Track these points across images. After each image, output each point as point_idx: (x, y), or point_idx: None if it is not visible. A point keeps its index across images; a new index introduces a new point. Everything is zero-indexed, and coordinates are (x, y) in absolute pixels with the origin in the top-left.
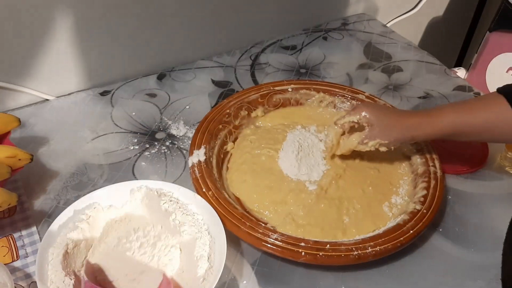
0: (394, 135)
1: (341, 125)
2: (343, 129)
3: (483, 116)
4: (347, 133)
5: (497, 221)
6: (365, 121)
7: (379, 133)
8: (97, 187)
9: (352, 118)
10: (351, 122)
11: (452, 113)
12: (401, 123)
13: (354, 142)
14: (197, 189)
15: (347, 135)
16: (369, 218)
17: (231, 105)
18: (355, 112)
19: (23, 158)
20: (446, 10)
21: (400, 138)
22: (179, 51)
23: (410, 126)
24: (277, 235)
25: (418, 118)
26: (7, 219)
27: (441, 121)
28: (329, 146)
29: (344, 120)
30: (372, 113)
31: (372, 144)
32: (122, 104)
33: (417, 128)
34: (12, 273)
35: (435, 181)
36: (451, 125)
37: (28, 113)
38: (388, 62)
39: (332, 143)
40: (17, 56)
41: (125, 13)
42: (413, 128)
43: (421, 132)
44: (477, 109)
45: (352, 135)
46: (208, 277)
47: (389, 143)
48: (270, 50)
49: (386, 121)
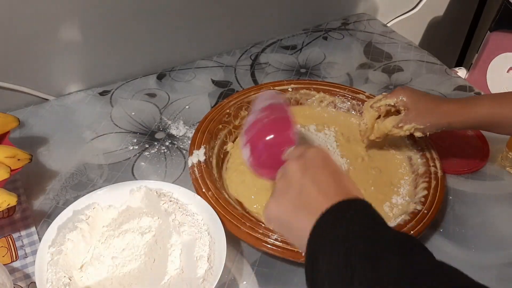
0: (430, 120)
1: (377, 108)
2: (378, 112)
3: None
4: (382, 117)
5: (497, 221)
6: (402, 104)
7: (415, 117)
8: (96, 187)
9: (389, 101)
10: (387, 105)
11: (490, 104)
12: (438, 109)
13: (388, 125)
14: (197, 189)
15: (382, 118)
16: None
17: (231, 105)
18: (393, 95)
19: (22, 158)
20: (446, 10)
21: (436, 123)
22: (179, 51)
23: (447, 112)
24: (277, 236)
25: (455, 105)
26: (6, 219)
27: (478, 110)
28: (363, 129)
29: (380, 103)
30: (410, 97)
31: (407, 128)
32: (122, 104)
33: (454, 115)
34: (11, 273)
35: (436, 181)
36: (487, 115)
37: (28, 113)
38: (389, 62)
39: (367, 126)
40: (17, 56)
41: (125, 13)
42: (449, 114)
43: (457, 119)
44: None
45: (388, 119)
46: (208, 277)
47: (425, 128)
48: (270, 50)
49: (423, 106)
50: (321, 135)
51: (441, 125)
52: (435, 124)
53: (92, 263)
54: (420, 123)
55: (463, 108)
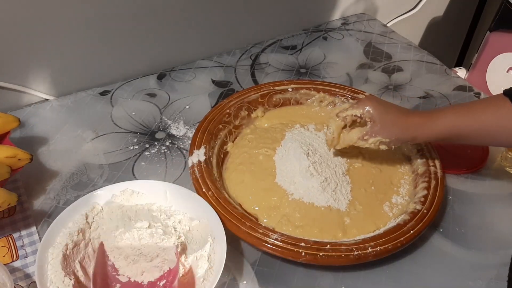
0: (395, 133)
1: (343, 118)
2: (344, 122)
3: (483, 118)
4: (348, 127)
5: (497, 221)
6: (368, 116)
7: (381, 130)
8: (97, 187)
9: (355, 112)
10: (353, 115)
11: (453, 115)
12: (403, 122)
13: (354, 137)
14: (197, 189)
15: (348, 129)
16: (370, 218)
17: (231, 105)
18: (359, 106)
19: (23, 158)
20: (446, 10)
21: (401, 137)
22: (179, 51)
23: (411, 126)
24: (277, 235)
25: (419, 118)
26: (7, 219)
27: (441, 123)
28: (329, 138)
29: (346, 113)
30: (376, 109)
31: (372, 141)
32: (122, 104)
33: (418, 128)
34: (12, 273)
35: (436, 181)
36: (450, 127)
37: (28, 113)
38: (388, 62)
39: (333, 135)
40: (17, 56)
41: (125, 13)
42: (414, 128)
43: (421, 133)
44: (478, 111)
45: (353, 130)
46: (208, 277)
47: (390, 141)
48: (270, 50)
49: (389, 118)
50: (320, 134)
51: (406, 139)
52: (400, 137)
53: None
54: (386, 137)
55: (427, 121)
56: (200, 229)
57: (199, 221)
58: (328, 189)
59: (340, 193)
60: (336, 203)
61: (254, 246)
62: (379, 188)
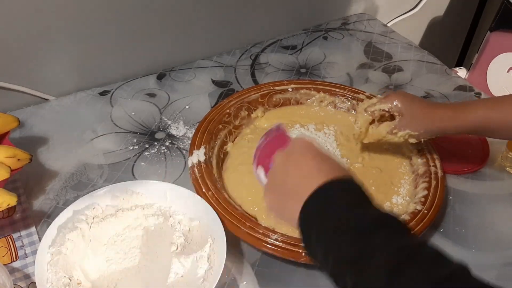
0: (424, 126)
1: (371, 112)
2: (372, 117)
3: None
4: (376, 122)
5: (497, 221)
6: (396, 110)
7: (409, 123)
8: (96, 187)
9: (383, 106)
10: (381, 110)
11: (485, 108)
12: (432, 114)
13: (382, 131)
14: (197, 189)
15: (376, 123)
16: None
17: (231, 105)
18: (387, 100)
19: (22, 158)
20: (446, 10)
21: (430, 129)
22: (179, 51)
23: (441, 118)
24: (277, 236)
25: (449, 111)
26: (6, 219)
27: (473, 115)
28: (357, 133)
29: (374, 108)
30: (404, 103)
31: (402, 134)
32: (122, 104)
33: (448, 120)
34: (11, 273)
35: (436, 181)
36: (483, 120)
37: (28, 113)
38: (389, 62)
39: (361, 130)
40: (17, 56)
41: (124, 13)
42: (444, 120)
43: (452, 124)
44: (508, 106)
45: (382, 124)
46: (208, 277)
47: (419, 134)
48: (270, 50)
49: (417, 112)
50: (320, 134)
51: (436, 131)
52: (430, 130)
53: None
54: (414, 130)
55: (458, 113)
56: (200, 230)
57: (199, 222)
58: None
59: None
60: None
61: (254, 247)
62: (379, 188)
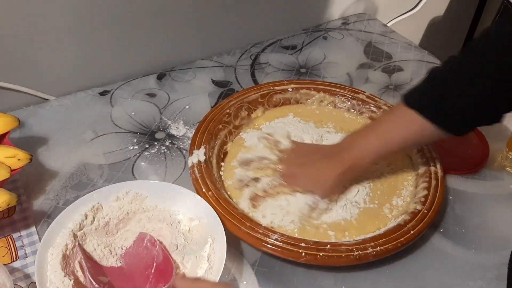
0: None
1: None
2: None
3: (402, 137)
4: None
5: (497, 221)
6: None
7: (327, 193)
8: (96, 187)
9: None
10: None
11: (371, 144)
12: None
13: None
14: (197, 189)
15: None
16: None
17: (231, 105)
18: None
19: (22, 158)
20: (446, 10)
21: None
22: (179, 51)
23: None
24: (277, 236)
25: (338, 161)
26: (6, 219)
27: (364, 157)
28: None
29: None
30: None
31: (323, 206)
32: (122, 104)
33: (342, 170)
34: (11, 273)
35: (436, 181)
36: (375, 156)
37: (28, 113)
38: (389, 61)
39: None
40: (17, 56)
41: (124, 13)
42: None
43: (346, 174)
44: (393, 133)
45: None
46: (208, 277)
47: (333, 196)
48: (270, 50)
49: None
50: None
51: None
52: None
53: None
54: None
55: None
56: (200, 229)
57: (199, 221)
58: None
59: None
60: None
61: (254, 247)
62: (380, 188)
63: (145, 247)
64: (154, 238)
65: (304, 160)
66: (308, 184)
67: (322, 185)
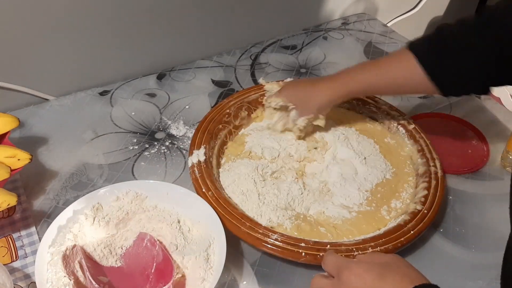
0: (314, 105)
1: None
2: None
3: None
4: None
5: (497, 221)
6: (288, 102)
7: (301, 110)
8: (96, 187)
9: (278, 101)
10: (278, 104)
11: (363, 74)
12: (316, 92)
13: (278, 127)
14: (197, 189)
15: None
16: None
17: (231, 105)
18: (278, 95)
19: (22, 158)
20: (446, 10)
21: (320, 105)
22: (179, 51)
23: (325, 91)
24: (277, 236)
25: (331, 83)
26: (6, 219)
27: (352, 82)
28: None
29: (273, 103)
30: (289, 93)
31: (300, 123)
32: (122, 104)
33: (332, 91)
34: (11, 273)
35: (436, 181)
36: (362, 84)
37: (28, 113)
38: None
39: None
40: (17, 56)
41: (124, 13)
42: (328, 92)
43: (336, 94)
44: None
45: (277, 121)
46: (208, 277)
47: (314, 115)
48: (270, 50)
49: (301, 95)
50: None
51: (325, 104)
52: (320, 106)
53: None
54: (307, 113)
55: (339, 83)
56: (200, 229)
57: (199, 221)
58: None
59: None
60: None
61: (254, 246)
62: (382, 189)
63: (145, 247)
64: (154, 238)
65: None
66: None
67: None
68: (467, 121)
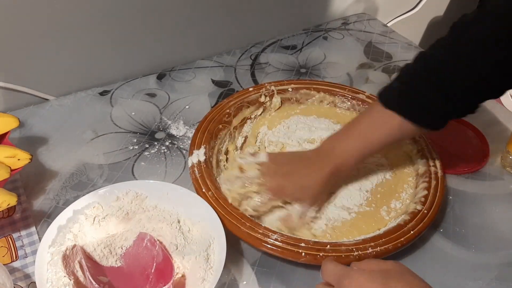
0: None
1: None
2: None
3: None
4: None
5: (497, 221)
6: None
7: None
8: (96, 187)
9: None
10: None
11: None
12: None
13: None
14: (197, 189)
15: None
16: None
17: (231, 105)
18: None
19: (22, 158)
20: (446, 10)
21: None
22: (179, 51)
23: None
24: (277, 236)
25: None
26: (6, 219)
27: (348, 159)
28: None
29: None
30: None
31: (311, 214)
32: (122, 104)
33: (334, 174)
34: (11, 273)
35: (436, 181)
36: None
37: (28, 113)
38: (389, 62)
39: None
40: (17, 56)
41: (124, 13)
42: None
43: (339, 175)
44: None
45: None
46: (208, 277)
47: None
48: (270, 50)
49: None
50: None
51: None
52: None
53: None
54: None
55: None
56: (200, 229)
57: (199, 221)
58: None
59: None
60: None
61: (254, 246)
62: (382, 190)
63: (145, 247)
64: (154, 238)
65: (288, 169)
66: (295, 192)
67: (309, 192)
68: (467, 121)
